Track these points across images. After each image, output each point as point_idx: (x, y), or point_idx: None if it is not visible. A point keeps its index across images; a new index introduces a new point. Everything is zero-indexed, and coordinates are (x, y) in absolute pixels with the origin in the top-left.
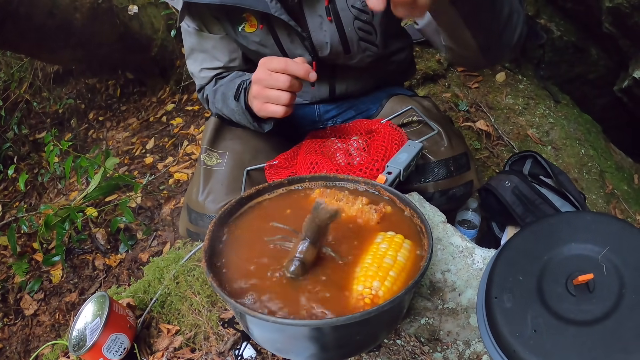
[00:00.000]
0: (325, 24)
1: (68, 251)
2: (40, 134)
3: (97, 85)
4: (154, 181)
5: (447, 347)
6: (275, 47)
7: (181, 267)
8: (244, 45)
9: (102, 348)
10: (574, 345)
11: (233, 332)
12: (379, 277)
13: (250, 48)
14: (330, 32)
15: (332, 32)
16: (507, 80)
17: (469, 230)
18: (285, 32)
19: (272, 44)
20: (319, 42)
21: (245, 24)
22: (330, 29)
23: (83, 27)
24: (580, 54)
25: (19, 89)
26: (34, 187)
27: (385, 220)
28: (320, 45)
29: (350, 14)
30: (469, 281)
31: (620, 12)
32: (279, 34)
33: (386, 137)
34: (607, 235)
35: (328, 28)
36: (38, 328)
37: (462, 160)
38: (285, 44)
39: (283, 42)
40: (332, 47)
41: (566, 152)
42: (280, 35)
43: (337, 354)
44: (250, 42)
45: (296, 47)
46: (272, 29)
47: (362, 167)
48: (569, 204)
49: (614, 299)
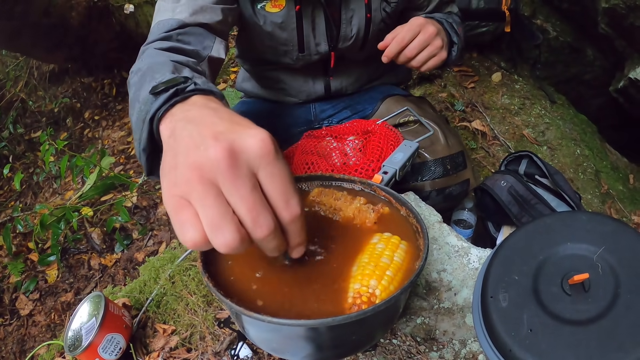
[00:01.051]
0: (356, 18)
1: (63, 251)
2: (35, 133)
3: (92, 84)
4: (150, 181)
5: (443, 346)
6: (294, 33)
7: (177, 267)
8: (256, 23)
9: (97, 348)
10: (570, 344)
11: (229, 332)
12: (376, 276)
13: (265, 29)
14: (359, 27)
15: (360, 27)
16: (503, 80)
17: (465, 229)
18: (310, 19)
19: (292, 28)
20: (345, 34)
21: (268, 2)
22: (359, 24)
23: (79, 25)
24: (576, 55)
25: (15, 87)
26: (30, 186)
27: (382, 220)
28: (344, 37)
29: (380, 15)
30: (465, 281)
31: (616, 12)
32: (304, 19)
33: (382, 137)
34: (602, 235)
35: (358, 23)
36: (34, 328)
37: (458, 159)
38: (306, 30)
39: (305, 28)
40: (354, 41)
41: (562, 152)
42: (305, 20)
43: (333, 353)
44: (268, 22)
45: (316, 34)
46: (299, 13)
47: (358, 167)
48: (564, 204)
49: (609, 298)
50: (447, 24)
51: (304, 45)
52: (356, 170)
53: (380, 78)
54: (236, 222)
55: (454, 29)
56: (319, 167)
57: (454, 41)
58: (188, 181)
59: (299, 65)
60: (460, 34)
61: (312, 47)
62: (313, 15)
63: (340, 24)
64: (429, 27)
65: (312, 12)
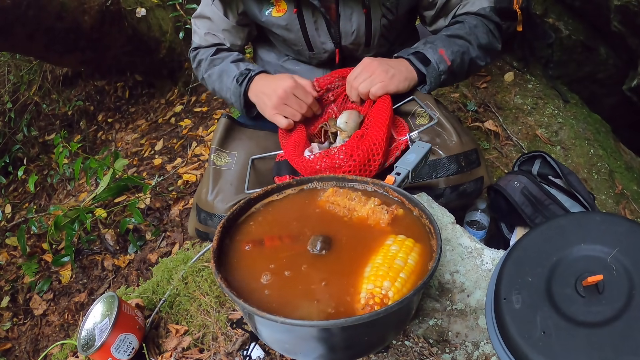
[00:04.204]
0: (355, 14)
1: (77, 252)
2: (49, 135)
3: (105, 87)
4: (163, 182)
5: (455, 348)
6: (299, 33)
7: (190, 268)
8: (269, 29)
9: (110, 348)
10: (583, 346)
11: (241, 333)
12: (389, 278)
13: (274, 31)
14: (358, 23)
15: (359, 23)
16: (516, 80)
17: (478, 231)
18: (312, 19)
19: (297, 29)
20: (346, 30)
21: (273, 8)
22: (358, 20)
23: (91, 29)
24: (589, 53)
25: (29, 91)
26: (44, 188)
27: (396, 222)
28: (345, 33)
29: (380, 10)
30: (478, 282)
31: (628, 10)
32: (305, 20)
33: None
34: (616, 236)
35: (357, 19)
36: (47, 328)
37: (472, 156)
38: (310, 30)
39: (309, 29)
40: (356, 37)
41: (575, 152)
42: (307, 21)
43: (346, 354)
44: (275, 26)
45: (320, 34)
46: (300, 14)
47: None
48: (578, 205)
49: (623, 300)
50: (415, 57)
51: (312, 44)
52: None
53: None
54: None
55: (424, 58)
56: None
57: (422, 71)
58: (279, 97)
59: (314, 63)
60: (447, 55)
61: (319, 45)
62: (314, 15)
63: (340, 21)
64: (374, 64)
65: (313, 13)
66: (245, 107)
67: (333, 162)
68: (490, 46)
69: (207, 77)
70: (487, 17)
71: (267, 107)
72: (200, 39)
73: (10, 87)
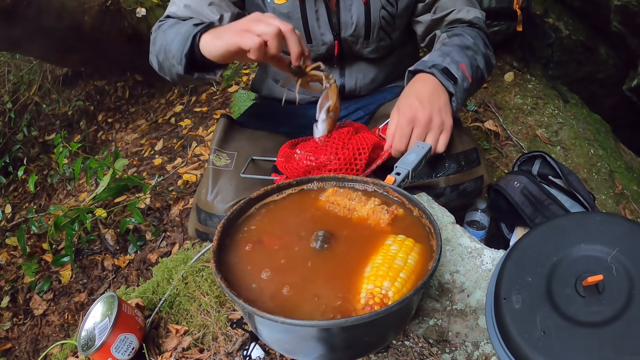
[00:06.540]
0: (355, 5)
1: (77, 252)
2: (49, 135)
3: (105, 87)
4: (163, 182)
5: (455, 348)
6: (300, 22)
7: (190, 268)
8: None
9: (110, 348)
10: (584, 346)
11: (241, 333)
12: (389, 277)
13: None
14: (358, 13)
15: (359, 14)
16: (516, 80)
17: (478, 231)
18: (313, 8)
19: (297, 17)
20: (345, 21)
21: None
22: (358, 11)
23: (91, 29)
24: (589, 53)
25: (29, 91)
26: (44, 188)
27: (396, 222)
28: (345, 24)
29: (379, 2)
30: (478, 282)
31: (628, 10)
32: (307, 8)
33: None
34: (616, 236)
35: (356, 10)
36: (47, 328)
37: (472, 156)
38: (311, 20)
39: (309, 17)
40: (355, 28)
41: (575, 152)
42: (308, 10)
43: (346, 354)
44: (277, 13)
45: (320, 24)
46: (301, 3)
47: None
48: (578, 205)
49: (623, 300)
50: (440, 72)
51: (310, 35)
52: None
53: (395, 81)
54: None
55: (450, 74)
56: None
57: (451, 91)
58: (248, 22)
59: (312, 58)
60: (467, 71)
61: (318, 36)
62: (316, 5)
63: (340, 11)
64: (420, 116)
65: (315, 1)
66: (189, 54)
67: (319, 162)
68: (490, 60)
69: (160, 32)
70: (482, 28)
71: (229, 31)
72: (177, 8)
73: (10, 87)
